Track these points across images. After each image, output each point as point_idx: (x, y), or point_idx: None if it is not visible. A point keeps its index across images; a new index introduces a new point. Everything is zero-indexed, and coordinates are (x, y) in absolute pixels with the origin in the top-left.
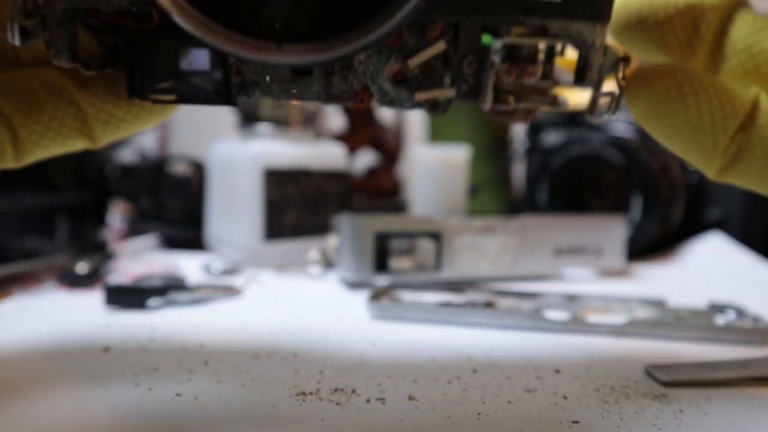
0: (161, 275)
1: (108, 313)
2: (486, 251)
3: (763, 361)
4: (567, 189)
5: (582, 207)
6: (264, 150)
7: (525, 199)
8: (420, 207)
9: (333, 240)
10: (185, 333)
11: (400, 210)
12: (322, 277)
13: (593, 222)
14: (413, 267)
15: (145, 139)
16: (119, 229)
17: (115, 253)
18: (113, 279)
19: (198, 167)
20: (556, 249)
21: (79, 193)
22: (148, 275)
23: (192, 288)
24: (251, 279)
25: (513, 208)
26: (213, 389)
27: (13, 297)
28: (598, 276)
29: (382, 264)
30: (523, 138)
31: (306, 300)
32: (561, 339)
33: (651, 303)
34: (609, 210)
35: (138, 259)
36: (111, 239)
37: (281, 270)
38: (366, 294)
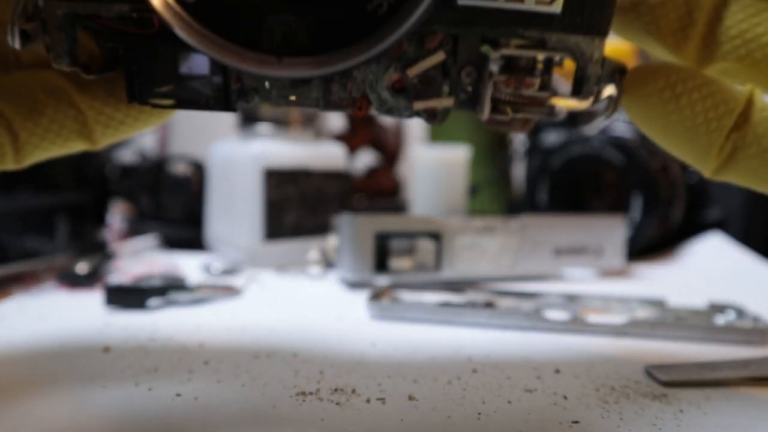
0: (161, 275)
1: (108, 313)
2: (486, 251)
3: (763, 361)
4: (567, 189)
5: (582, 207)
6: (264, 150)
7: (525, 199)
8: (420, 207)
9: (333, 240)
10: (185, 333)
11: (400, 210)
12: (322, 277)
13: (593, 222)
14: (413, 267)
15: (145, 139)
16: (119, 229)
17: (115, 253)
18: (113, 279)
19: (198, 167)
20: (556, 249)
21: (79, 193)
22: (148, 275)
23: (192, 288)
24: (251, 279)
25: (513, 208)
26: (213, 389)
27: (13, 297)
28: (598, 276)
29: (382, 264)
30: (523, 138)
31: (306, 300)
32: (561, 339)
33: (651, 303)
34: (609, 210)
35: (138, 259)
36: (111, 239)
37: (281, 270)
38: (366, 294)
